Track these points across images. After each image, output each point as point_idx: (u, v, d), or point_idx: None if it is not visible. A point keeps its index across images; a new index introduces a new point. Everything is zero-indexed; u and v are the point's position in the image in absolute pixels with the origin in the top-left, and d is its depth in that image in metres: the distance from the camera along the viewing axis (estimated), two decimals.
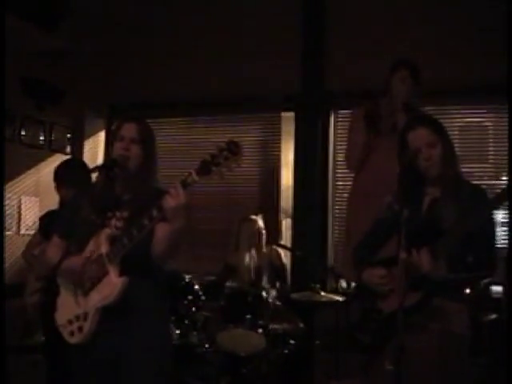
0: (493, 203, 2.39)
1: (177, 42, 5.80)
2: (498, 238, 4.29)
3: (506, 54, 4.27)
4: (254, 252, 4.82)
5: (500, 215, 4.54)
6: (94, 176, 2.76)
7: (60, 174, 3.85)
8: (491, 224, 2.55)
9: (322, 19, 5.34)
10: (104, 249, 2.43)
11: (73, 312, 2.50)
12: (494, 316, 3.95)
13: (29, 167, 5.61)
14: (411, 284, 2.31)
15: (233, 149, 2.15)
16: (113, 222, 2.50)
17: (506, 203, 2.35)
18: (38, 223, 4.11)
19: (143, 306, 2.48)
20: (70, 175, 3.76)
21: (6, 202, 5.30)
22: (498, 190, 2.39)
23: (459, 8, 4.76)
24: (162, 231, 2.40)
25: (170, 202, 2.24)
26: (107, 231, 2.46)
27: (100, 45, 5.94)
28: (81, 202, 2.58)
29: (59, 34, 5.47)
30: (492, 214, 2.53)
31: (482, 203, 2.44)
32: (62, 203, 3.81)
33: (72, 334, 2.49)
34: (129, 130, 2.56)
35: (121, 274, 2.40)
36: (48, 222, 3.89)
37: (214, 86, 5.63)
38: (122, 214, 2.51)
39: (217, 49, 5.66)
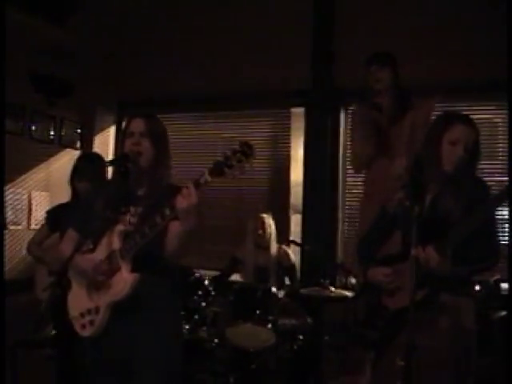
0: (498, 199, 2.37)
1: (187, 37, 5.80)
2: (499, 230, 4.28)
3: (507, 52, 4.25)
4: (260, 250, 4.83)
5: (503, 212, 4.52)
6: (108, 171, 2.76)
7: (80, 167, 3.86)
8: (493, 216, 2.54)
9: (332, 16, 5.33)
10: (117, 245, 2.44)
11: (85, 305, 2.51)
12: (503, 313, 3.94)
13: (39, 162, 5.64)
14: (417, 281, 2.30)
15: (246, 151, 2.14)
16: (127, 217, 2.51)
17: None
18: (45, 217, 4.13)
19: (155, 302, 2.49)
20: (90, 169, 3.77)
21: (17, 197, 5.34)
22: None
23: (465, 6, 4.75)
24: (175, 229, 2.40)
25: (182, 202, 2.23)
26: (120, 227, 2.47)
27: (110, 41, 5.95)
28: (97, 196, 2.58)
29: (70, 30, 5.49)
30: (496, 208, 2.51)
31: (486, 198, 2.44)
32: (76, 196, 3.82)
33: (84, 327, 2.50)
34: (137, 125, 2.57)
35: (133, 270, 2.41)
36: (56, 216, 3.91)
37: (224, 82, 5.63)
38: (137, 209, 2.52)
39: (227, 45, 5.66)
